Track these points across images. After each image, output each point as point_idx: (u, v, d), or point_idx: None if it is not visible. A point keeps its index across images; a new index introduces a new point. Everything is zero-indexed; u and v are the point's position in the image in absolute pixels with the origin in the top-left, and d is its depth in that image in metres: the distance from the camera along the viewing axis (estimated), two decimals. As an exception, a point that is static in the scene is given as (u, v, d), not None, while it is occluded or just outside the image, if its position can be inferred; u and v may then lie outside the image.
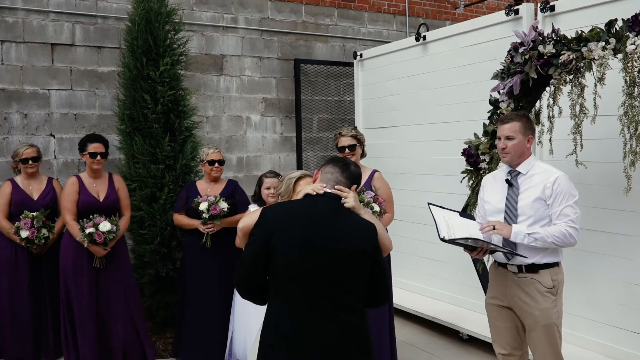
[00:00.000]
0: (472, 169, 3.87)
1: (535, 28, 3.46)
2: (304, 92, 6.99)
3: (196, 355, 4.40)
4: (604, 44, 3.16)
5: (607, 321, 4.02)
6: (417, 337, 5.18)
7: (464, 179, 3.94)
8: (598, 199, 3.94)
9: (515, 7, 4.53)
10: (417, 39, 5.66)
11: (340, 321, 2.21)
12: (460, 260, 5.02)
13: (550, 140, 3.61)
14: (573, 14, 4.09)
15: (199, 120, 5.93)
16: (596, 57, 3.19)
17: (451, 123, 5.25)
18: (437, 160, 5.47)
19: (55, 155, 5.70)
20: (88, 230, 4.14)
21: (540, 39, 3.40)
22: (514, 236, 2.98)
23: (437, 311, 5.30)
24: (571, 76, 3.34)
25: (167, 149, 5.03)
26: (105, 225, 4.17)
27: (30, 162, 4.59)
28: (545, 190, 3.03)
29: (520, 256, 3.00)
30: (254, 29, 6.71)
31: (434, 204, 3.25)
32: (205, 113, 6.39)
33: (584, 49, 3.22)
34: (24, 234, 4.36)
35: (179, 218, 4.51)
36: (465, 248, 3.10)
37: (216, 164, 4.48)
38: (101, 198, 4.40)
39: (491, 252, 3.11)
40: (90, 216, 4.22)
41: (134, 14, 5.13)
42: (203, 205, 4.28)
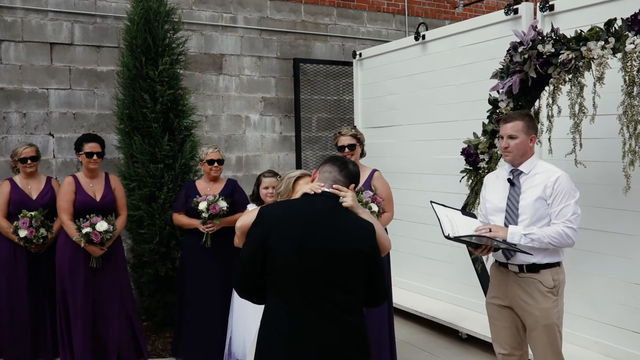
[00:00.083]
0: (472, 168, 3.86)
1: (534, 27, 3.46)
2: (303, 92, 6.99)
3: (196, 355, 4.39)
4: (603, 43, 3.15)
5: (607, 320, 4.02)
6: (417, 337, 5.18)
7: (463, 178, 3.94)
8: (597, 198, 3.94)
9: (515, 7, 4.53)
10: (417, 39, 5.66)
11: (339, 321, 2.20)
12: (459, 260, 5.02)
13: (550, 139, 3.61)
14: (572, 13, 4.09)
15: (198, 119, 5.93)
16: (595, 57, 3.19)
17: (450, 122, 5.25)
18: (437, 160, 5.46)
19: (54, 155, 5.69)
20: (85, 230, 4.14)
21: (540, 38, 3.39)
22: (510, 237, 2.97)
23: (437, 310, 5.30)
24: (570, 75, 3.33)
25: (166, 148, 5.02)
26: (102, 225, 4.16)
27: (29, 162, 4.58)
28: (546, 189, 3.02)
29: (526, 253, 2.97)
30: (253, 29, 6.71)
31: (437, 202, 3.25)
32: (205, 112, 6.39)
33: (583, 49, 3.23)
34: (23, 233, 4.35)
35: (178, 218, 4.51)
36: (469, 245, 3.10)
37: (215, 164, 4.48)
38: (98, 198, 4.39)
39: (495, 250, 3.09)
40: (87, 216, 4.21)
41: (133, 14, 5.13)
42: (202, 205, 4.28)
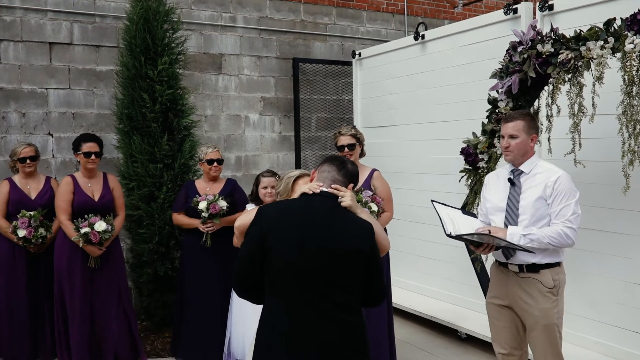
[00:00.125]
0: (471, 168, 3.86)
1: (533, 27, 3.46)
2: (303, 91, 6.99)
3: (195, 355, 4.39)
4: (602, 43, 3.15)
5: (606, 320, 4.02)
6: (416, 336, 5.19)
7: (462, 178, 3.94)
8: (596, 198, 3.94)
9: (514, 6, 4.53)
10: (416, 38, 5.66)
11: (337, 320, 2.20)
12: (459, 260, 5.02)
13: (549, 139, 3.61)
14: (571, 13, 4.09)
15: (198, 119, 5.93)
16: (595, 56, 3.19)
17: (450, 122, 5.25)
18: (436, 160, 5.46)
19: (53, 155, 5.69)
20: (83, 230, 4.13)
21: (539, 38, 3.39)
22: (510, 238, 2.96)
23: (436, 310, 5.30)
24: (570, 75, 3.33)
25: (166, 148, 5.02)
26: (100, 225, 4.16)
27: (28, 161, 4.58)
28: (546, 189, 3.02)
29: (528, 251, 2.95)
30: (253, 28, 6.70)
31: (437, 201, 3.25)
32: (204, 112, 6.38)
33: (583, 48, 3.23)
34: (21, 233, 4.35)
35: (178, 218, 4.50)
36: (471, 244, 3.09)
37: (215, 163, 4.48)
38: (96, 198, 4.39)
39: (496, 249, 3.08)
40: (85, 216, 4.21)
41: (132, 13, 5.13)
42: (202, 204, 4.28)
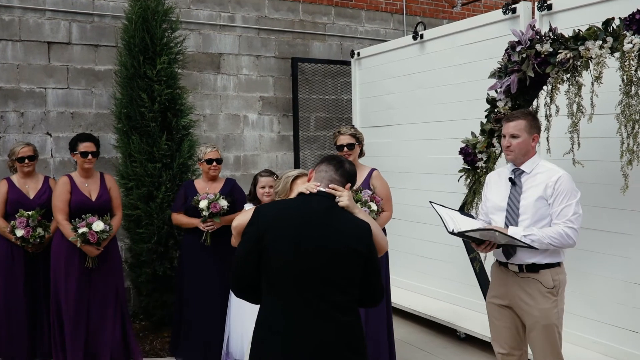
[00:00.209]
0: (470, 167, 3.86)
1: (532, 27, 3.46)
2: (301, 91, 6.98)
3: (195, 355, 4.39)
4: (601, 42, 3.15)
5: (605, 320, 4.03)
6: (415, 336, 5.19)
7: (461, 177, 3.94)
8: (595, 197, 3.94)
9: (513, 6, 4.53)
10: (415, 38, 5.66)
11: (334, 320, 2.19)
12: (458, 259, 5.02)
13: (548, 139, 3.62)
14: (570, 12, 4.09)
15: (196, 119, 5.92)
16: (593, 56, 3.18)
17: (448, 122, 5.25)
18: (435, 159, 5.46)
19: (52, 154, 5.68)
20: (81, 230, 4.13)
21: (538, 37, 3.39)
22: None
23: (435, 310, 5.30)
24: (568, 75, 3.33)
25: (164, 147, 5.02)
26: (98, 225, 4.15)
27: (26, 161, 4.58)
28: (547, 189, 3.02)
29: (530, 247, 2.92)
30: (251, 28, 6.70)
31: (436, 202, 3.25)
32: (202, 112, 6.38)
33: (581, 48, 3.22)
34: (19, 233, 4.35)
35: (177, 217, 4.50)
36: (473, 241, 3.08)
37: (214, 163, 4.48)
38: (93, 197, 4.38)
39: (498, 247, 3.08)
40: (83, 216, 4.20)
41: (130, 13, 5.12)
42: (203, 203, 4.28)
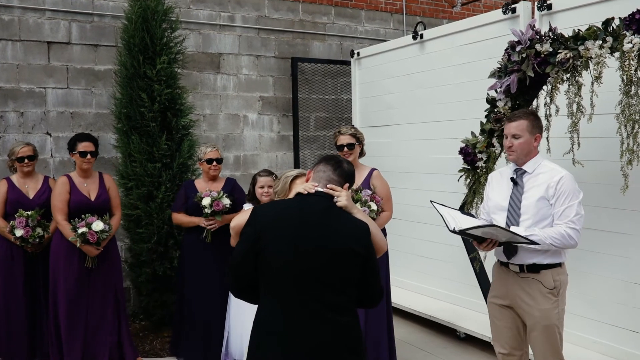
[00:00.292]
0: (469, 167, 3.86)
1: (532, 26, 3.46)
2: (301, 91, 6.98)
3: (195, 355, 4.39)
4: (601, 42, 3.15)
5: (606, 320, 4.03)
6: (415, 336, 5.19)
7: (461, 177, 3.94)
8: (595, 197, 3.94)
9: (513, 6, 4.53)
10: (414, 38, 5.66)
11: (332, 321, 2.18)
12: (458, 259, 5.02)
13: (548, 139, 3.61)
14: (570, 12, 4.09)
15: (196, 118, 5.92)
16: (593, 56, 3.18)
17: (448, 121, 5.25)
18: (434, 159, 5.46)
19: (51, 154, 5.68)
20: (81, 230, 4.12)
21: (538, 37, 3.39)
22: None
23: (435, 310, 5.30)
24: (568, 75, 3.33)
25: (164, 147, 5.02)
26: (98, 225, 4.15)
27: (26, 161, 4.57)
28: (548, 189, 3.01)
29: (532, 242, 2.90)
30: (251, 27, 6.70)
31: (436, 202, 3.25)
32: (202, 111, 6.38)
33: (581, 48, 3.22)
34: (19, 232, 4.34)
35: (178, 217, 4.50)
36: (474, 240, 3.08)
37: (214, 163, 4.48)
38: (92, 197, 4.38)
39: (499, 245, 3.07)
40: (82, 216, 4.20)
41: (130, 12, 5.12)
42: (206, 201, 4.28)
